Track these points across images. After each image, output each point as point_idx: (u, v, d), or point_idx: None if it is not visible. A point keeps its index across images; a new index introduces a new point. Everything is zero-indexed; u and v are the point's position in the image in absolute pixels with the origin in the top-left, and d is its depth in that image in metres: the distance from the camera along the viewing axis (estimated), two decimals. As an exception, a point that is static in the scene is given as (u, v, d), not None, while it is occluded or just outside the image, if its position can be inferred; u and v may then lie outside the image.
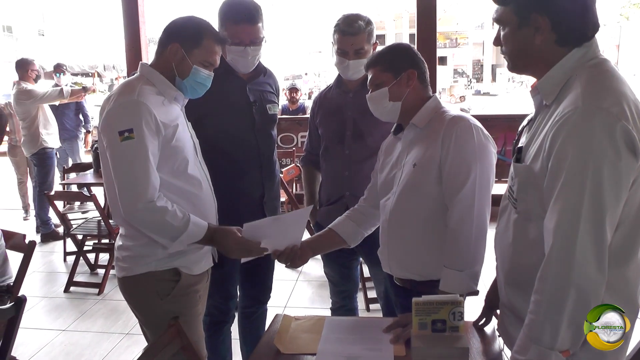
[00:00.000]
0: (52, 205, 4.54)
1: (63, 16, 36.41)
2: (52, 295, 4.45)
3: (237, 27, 2.25)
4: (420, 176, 1.86)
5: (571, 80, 1.31)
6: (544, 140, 1.28)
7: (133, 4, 5.85)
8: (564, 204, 1.20)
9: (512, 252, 1.44)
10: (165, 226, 1.79)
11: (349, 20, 2.39)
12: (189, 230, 1.82)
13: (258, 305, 2.66)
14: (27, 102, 5.72)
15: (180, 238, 1.81)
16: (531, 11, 1.32)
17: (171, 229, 1.80)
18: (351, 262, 2.70)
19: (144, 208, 1.75)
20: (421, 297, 1.61)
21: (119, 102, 1.80)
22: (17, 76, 5.80)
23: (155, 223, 1.79)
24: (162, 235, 1.82)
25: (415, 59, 1.95)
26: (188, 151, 1.93)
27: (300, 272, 4.75)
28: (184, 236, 1.82)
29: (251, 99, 2.38)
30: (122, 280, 1.94)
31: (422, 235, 1.90)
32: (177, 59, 1.89)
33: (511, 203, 1.44)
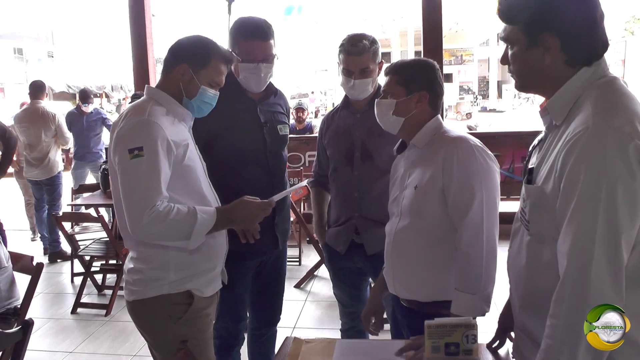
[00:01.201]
0: (60, 226, 4.54)
1: (72, 38, 36.86)
2: (59, 316, 4.43)
3: (249, 44, 2.27)
4: (422, 199, 1.87)
5: (581, 99, 1.29)
6: (555, 161, 1.26)
7: (141, 24, 5.91)
8: (578, 225, 1.18)
9: (526, 275, 1.41)
10: (176, 227, 1.76)
11: (353, 40, 2.40)
12: (199, 220, 1.79)
13: (268, 327, 2.64)
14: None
15: (194, 231, 1.78)
16: (541, 31, 1.31)
17: (182, 226, 1.77)
18: (360, 282, 2.68)
19: (149, 220, 1.72)
20: (434, 320, 1.59)
21: (129, 122, 1.80)
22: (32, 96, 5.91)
23: (165, 229, 1.76)
24: (177, 237, 1.79)
25: (433, 82, 1.95)
26: (199, 172, 1.93)
27: (309, 293, 4.71)
28: (197, 227, 1.78)
29: (262, 120, 2.38)
30: (133, 304, 1.92)
31: (426, 257, 1.90)
32: (185, 80, 1.89)
33: (523, 225, 1.42)
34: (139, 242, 1.85)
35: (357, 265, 2.57)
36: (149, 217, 1.71)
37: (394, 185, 2.06)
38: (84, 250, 4.71)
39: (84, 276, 4.68)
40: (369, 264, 2.49)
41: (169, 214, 1.74)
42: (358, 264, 2.55)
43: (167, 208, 1.75)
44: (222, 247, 2.04)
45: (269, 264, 2.53)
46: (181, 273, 1.89)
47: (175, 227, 1.76)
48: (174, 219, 1.75)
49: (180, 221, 1.76)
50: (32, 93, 5.94)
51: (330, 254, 2.64)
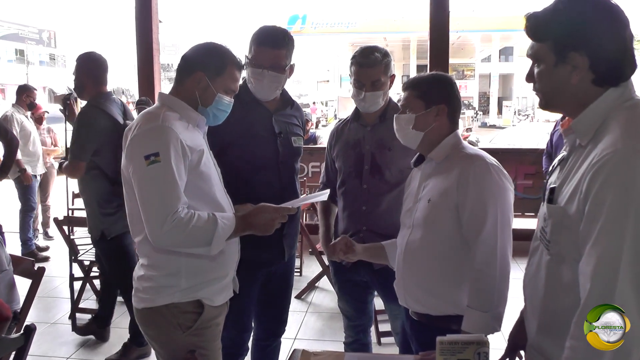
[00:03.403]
0: (60, 230, 4.50)
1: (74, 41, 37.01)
2: (57, 321, 4.39)
3: (259, 49, 2.28)
4: (435, 213, 1.87)
5: (608, 120, 1.28)
6: (580, 182, 1.24)
7: (147, 30, 5.90)
8: (603, 249, 1.16)
9: (544, 295, 1.40)
10: (197, 234, 1.74)
11: (365, 53, 2.40)
12: (219, 225, 1.77)
13: (273, 338, 2.63)
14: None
15: (215, 237, 1.76)
16: (570, 49, 1.30)
17: (203, 233, 1.75)
18: (366, 295, 2.66)
19: (171, 227, 1.69)
20: (446, 336, 1.57)
21: (143, 129, 1.79)
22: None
23: (186, 236, 1.73)
24: (198, 243, 1.77)
25: (451, 95, 1.95)
26: (214, 179, 1.92)
27: (310, 304, 4.68)
28: (218, 233, 1.76)
29: (276, 130, 2.37)
30: (142, 312, 1.90)
31: (437, 270, 1.89)
32: (201, 88, 1.88)
33: (543, 244, 1.40)
34: (153, 248, 1.82)
35: (363, 279, 2.55)
36: (171, 223, 1.69)
37: (408, 196, 2.06)
38: (83, 255, 4.66)
39: (83, 281, 4.64)
40: (376, 277, 2.47)
41: (190, 221, 1.72)
42: (364, 277, 2.53)
43: (188, 214, 1.73)
44: (235, 254, 2.02)
45: (277, 275, 2.51)
46: (193, 280, 1.87)
47: (197, 233, 1.74)
48: (196, 225, 1.73)
49: (201, 227, 1.74)
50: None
51: (336, 266, 2.62)
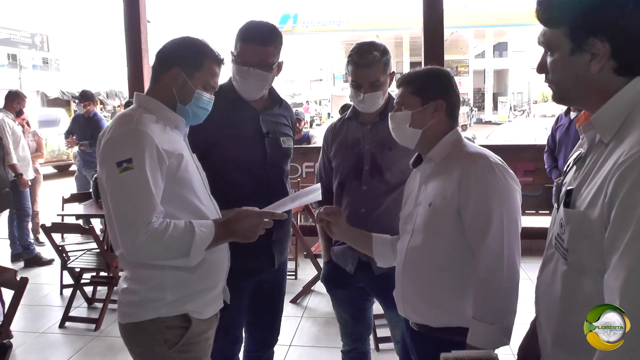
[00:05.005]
0: (49, 237, 4.38)
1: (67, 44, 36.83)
2: (47, 330, 4.26)
3: (245, 46, 2.16)
4: (436, 217, 1.74)
5: (634, 114, 1.14)
6: (603, 184, 1.11)
7: (136, 31, 5.81)
8: (635, 260, 1.04)
9: (561, 308, 1.27)
10: (174, 244, 1.62)
11: (362, 51, 2.22)
12: (197, 234, 1.65)
13: (265, 349, 2.50)
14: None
15: (193, 247, 1.64)
16: (589, 35, 1.15)
17: (180, 243, 1.63)
18: (364, 302, 2.53)
19: (145, 240, 1.57)
20: (451, 352, 1.45)
21: (116, 132, 1.67)
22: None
23: (163, 248, 1.61)
24: (175, 255, 1.64)
25: (449, 89, 1.83)
26: (197, 184, 1.80)
27: (305, 308, 4.57)
28: (196, 242, 1.64)
29: (264, 130, 2.26)
30: (126, 327, 1.78)
31: (439, 279, 1.76)
32: (179, 84, 1.78)
33: (560, 253, 1.27)
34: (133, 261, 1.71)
35: (359, 285, 2.42)
36: (144, 235, 1.57)
37: (407, 200, 1.93)
38: (74, 262, 4.55)
39: (74, 288, 4.53)
40: (375, 284, 2.34)
41: (166, 231, 1.60)
42: (361, 282, 2.41)
43: (163, 224, 1.61)
44: (224, 263, 1.91)
45: (267, 283, 2.40)
46: (178, 293, 1.75)
47: (174, 244, 1.62)
48: (172, 235, 1.61)
49: (177, 237, 1.62)
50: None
51: (330, 271, 2.50)
